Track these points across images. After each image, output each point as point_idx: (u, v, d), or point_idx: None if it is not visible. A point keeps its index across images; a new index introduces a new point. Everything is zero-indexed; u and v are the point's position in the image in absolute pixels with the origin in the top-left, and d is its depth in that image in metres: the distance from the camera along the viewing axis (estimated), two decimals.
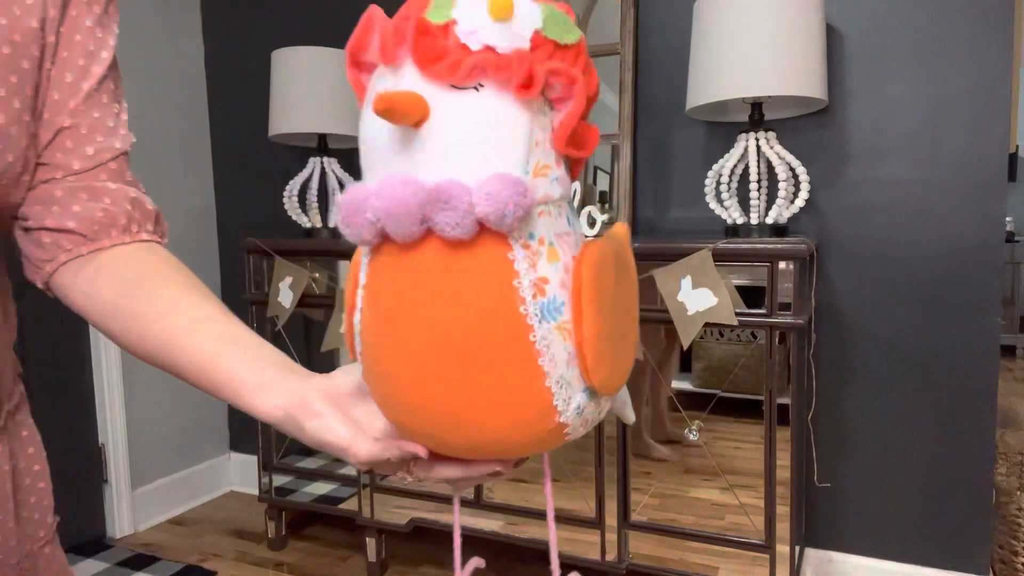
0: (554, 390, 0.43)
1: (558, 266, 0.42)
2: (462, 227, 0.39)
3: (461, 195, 0.38)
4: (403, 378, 0.43)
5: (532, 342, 0.41)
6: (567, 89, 0.41)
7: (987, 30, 1.55)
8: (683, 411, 1.57)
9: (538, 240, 0.42)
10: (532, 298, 0.41)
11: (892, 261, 1.66)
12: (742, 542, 1.51)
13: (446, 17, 0.39)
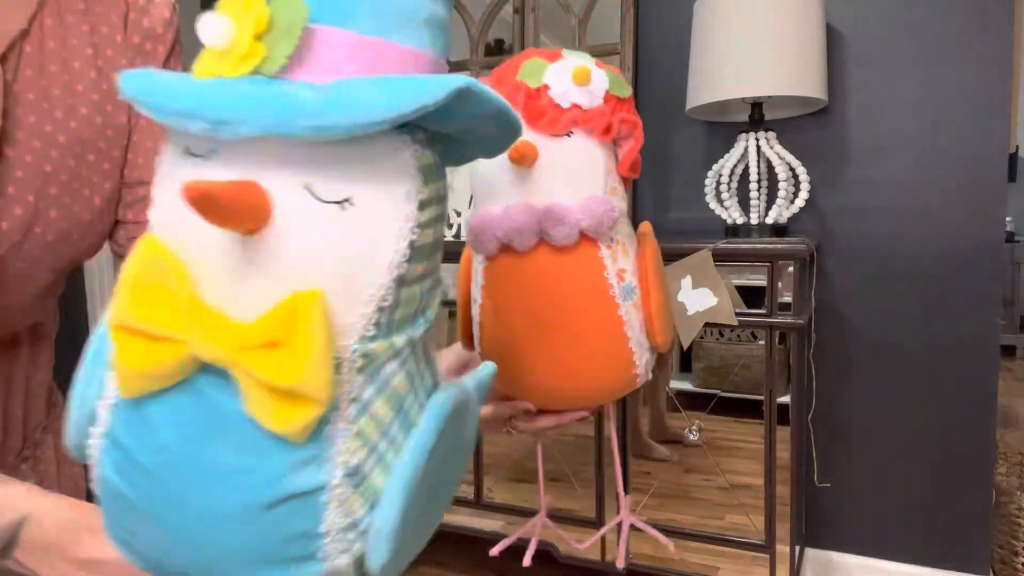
0: (633, 349, 0.60)
1: (630, 259, 0.59)
2: (570, 236, 0.54)
3: (568, 214, 0.53)
4: (522, 348, 0.58)
5: (620, 316, 0.58)
6: (629, 130, 0.57)
7: (987, 30, 1.54)
8: (683, 411, 1.57)
9: (616, 241, 0.58)
10: (617, 283, 0.57)
11: (892, 261, 1.66)
12: (742, 542, 1.51)
13: (539, 82, 0.54)
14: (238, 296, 0.29)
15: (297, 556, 0.30)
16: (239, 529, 0.30)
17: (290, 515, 0.30)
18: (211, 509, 0.30)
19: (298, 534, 0.30)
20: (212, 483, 0.30)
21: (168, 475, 0.30)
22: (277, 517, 0.30)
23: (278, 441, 0.29)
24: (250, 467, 0.29)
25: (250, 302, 0.28)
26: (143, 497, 0.31)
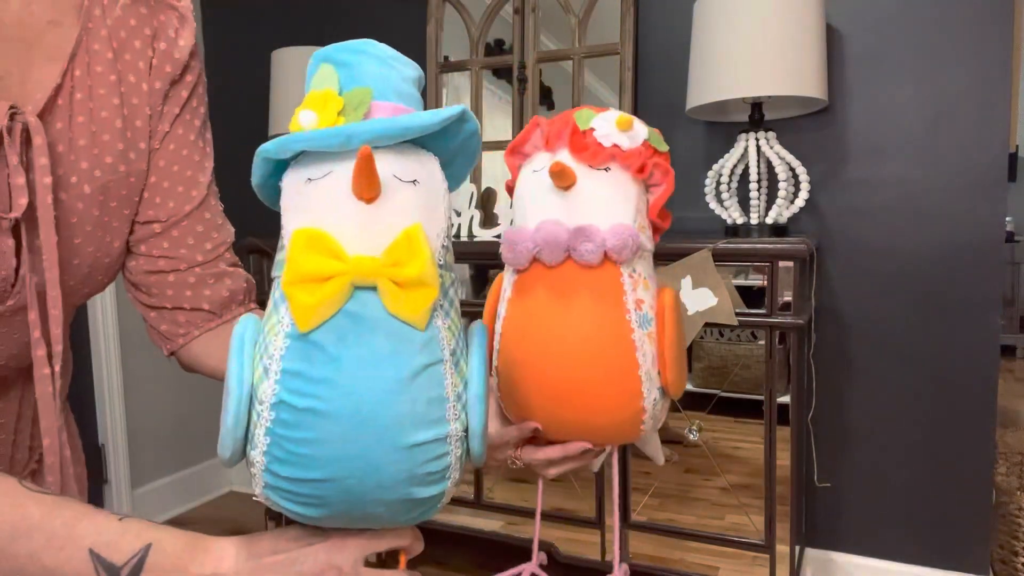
0: (643, 379, 0.61)
1: (650, 293, 0.63)
2: (594, 254, 0.59)
3: (596, 233, 0.59)
4: (535, 363, 0.62)
5: (632, 341, 0.60)
6: (662, 177, 0.63)
7: (987, 30, 1.54)
8: (683, 411, 1.57)
9: (638, 273, 0.62)
10: (634, 310, 0.61)
11: (892, 261, 1.66)
12: (742, 542, 1.51)
13: (588, 125, 0.61)
14: (368, 245, 0.44)
15: (435, 418, 0.45)
16: (398, 398, 0.43)
17: (426, 383, 0.45)
18: (376, 388, 0.43)
19: (433, 397, 0.45)
20: (372, 369, 0.43)
21: (340, 374, 0.43)
22: (420, 384, 0.44)
23: (410, 329, 0.45)
24: (397, 349, 0.44)
25: (377, 245, 0.44)
26: (323, 401, 0.43)
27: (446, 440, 0.46)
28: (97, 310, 2.12)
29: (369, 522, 0.48)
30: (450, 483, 0.48)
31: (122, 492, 2.21)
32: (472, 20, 2.00)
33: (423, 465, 0.45)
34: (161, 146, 0.67)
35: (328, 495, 0.45)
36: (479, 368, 0.49)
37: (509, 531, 1.76)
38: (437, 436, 0.45)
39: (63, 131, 0.58)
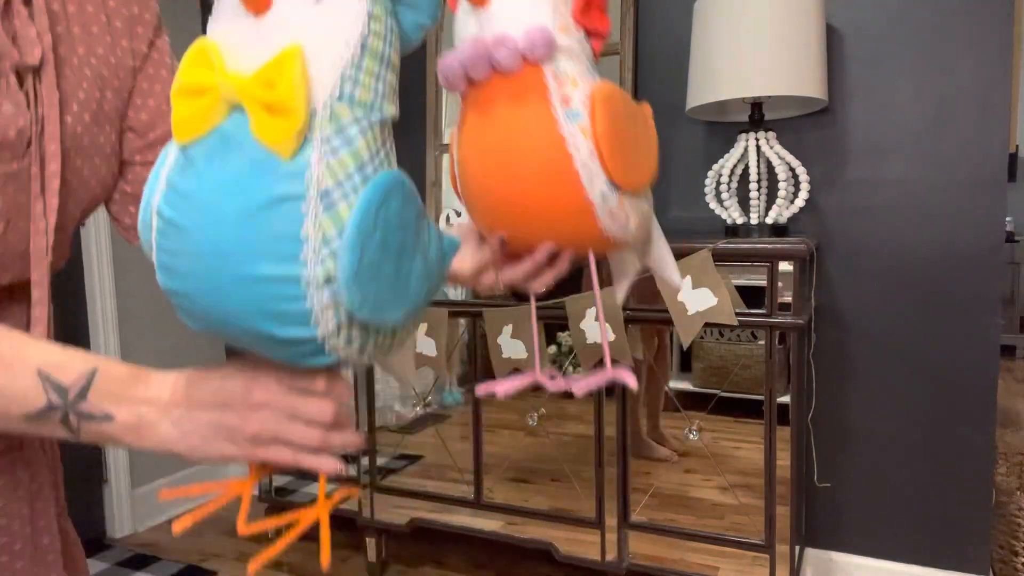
0: (580, 171, 0.61)
1: (580, 91, 0.62)
2: (510, 58, 0.59)
3: (509, 40, 0.59)
4: (482, 171, 0.64)
5: (561, 135, 0.60)
6: None
7: (987, 30, 1.54)
8: (683, 411, 1.57)
9: (564, 74, 0.61)
10: (561, 106, 0.61)
11: (892, 261, 1.66)
12: (742, 542, 1.51)
13: None
14: (250, 62, 0.42)
15: (286, 254, 0.42)
16: (245, 224, 0.42)
17: (279, 216, 0.42)
18: (226, 210, 0.42)
19: (285, 233, 0.42)
20: (228, 191, 0.42)
21: (199, 191, 0.43)
22: (270, 216, 0.42)
23: (273, 157, 0.42)
24: (253, 174, 0.42)
25: (257, 63, 0.42)
26: (183, 215, 0.43)
27: (299, 281, 0.42)
28: (98, 310, 2.12)
29: (256, 349, 0.48)
30: (321, 330, 0.44)
31: (122, 492, 2.21)
32: None
33: (272, 302, 0.43)
34: (142, 65, 0.70)
35: (193, 310, 0.46)
36: (356, 217, 0.42)
37: (509, 531, 1.76)
38: (287, 275, 0.42)
39: (59, 14, 0.61)
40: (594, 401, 1.61)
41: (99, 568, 1.99)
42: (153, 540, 2.19)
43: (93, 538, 2.17)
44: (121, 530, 2.21)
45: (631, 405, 1.61)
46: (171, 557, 2.05)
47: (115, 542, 2.17)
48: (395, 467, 1.93)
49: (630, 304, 1.55)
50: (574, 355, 1.61)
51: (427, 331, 1.72)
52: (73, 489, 2.17)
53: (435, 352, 1.72)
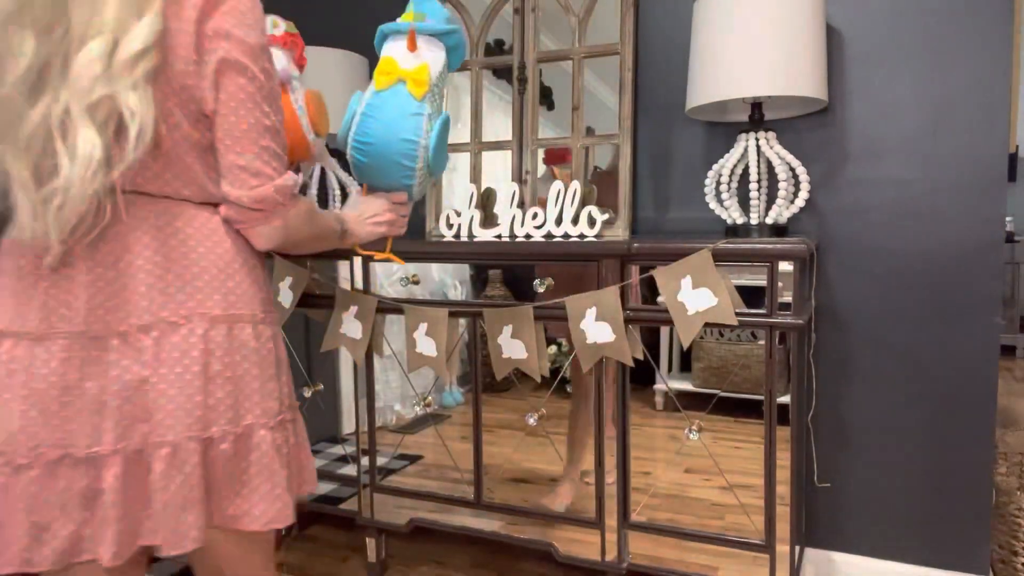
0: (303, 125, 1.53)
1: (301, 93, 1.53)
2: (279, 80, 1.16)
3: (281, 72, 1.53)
4: None
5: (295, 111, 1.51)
6: None
7: (987, 30, 1.54)
8: (683, 411, 1.57)
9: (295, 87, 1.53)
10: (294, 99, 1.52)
11: (892, 261, 1.66)
12: (742, 542, 1.52)
13: None
14: (407, 65, 1.24)
15: (415, 134, 1.22)
16: (399, 121, 1.22)
17: (412, 121, 1.22)
18: (394, 115, 1.22)
19: (413, 127, 1.22)
20: (395, 108, 1.22)
21: (382, 107, 1.23)
22: (409, 120, 1.22)
23: (413, 99, 1.22)
24: (405, 104, 1.22)
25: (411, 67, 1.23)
26: (374, 115, 1.22)
27: (418, 145, 1.22)
28: None
29: (387, 174, 1.25)
30: (418, 168, 1.24)
31: None
32: (472, 20, 2.00)
33: (407, 151, 1.22)
34: None
35: (371, 151, 1.23)
36: (437, 125, 1.24)
37: (509, 531, 1.76)
38: (414, 139, 1.22)
39: None
40: (594, 401, 1.61)
41: None
42: None
43: None
44: None
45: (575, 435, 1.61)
46: (171, 557, 2.05)
47: None
48: (395, 467, 1.93)
49: (630, 304, 1.56)
50: (574, 355, 1.61)
51: (427, 331, 1.72)
52: None
53: (435, 352, 1.72)
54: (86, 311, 0.84)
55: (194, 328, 0.87)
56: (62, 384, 0.83)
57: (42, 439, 0.83)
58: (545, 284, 1.63)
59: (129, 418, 0.84)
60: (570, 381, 1.70)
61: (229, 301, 0.90)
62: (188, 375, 0.85)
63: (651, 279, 1.51)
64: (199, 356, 0.86)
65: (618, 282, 1.55)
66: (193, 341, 0.86)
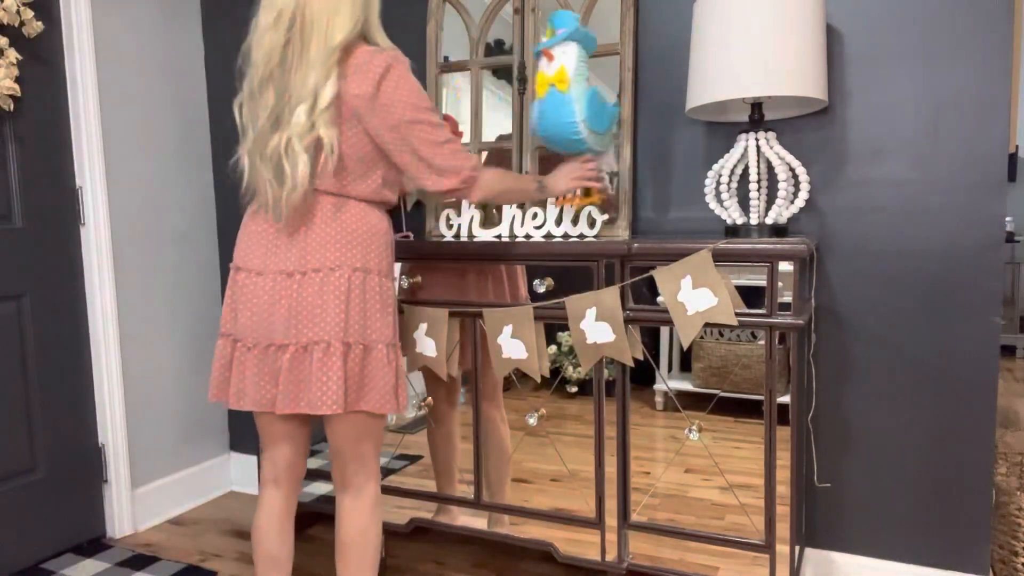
0: None
1: None
2: None
3: None
4: None
5: None
6: None
7: (987, 30, 1.54)
8: (683, 411, 1.57)
9: None
10: None
11: (892, 261, 1.66)
12: (742, 542, 1.52)
13: None
14: (548, 72, 1.61)
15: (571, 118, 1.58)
16: (560, 108, 1.58)
17: (568, 107, 1.58)
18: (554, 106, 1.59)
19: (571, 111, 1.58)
20: (554, 103, 1.59)
21: (547, 103, 1.61)
22: (565, 107, 1.58)
23: (563, 93, 1.58)
24: (560, 99, 1.58)
25: (552, 72, 1.61)
26: (545, 109, 1.61)
27: (576, 123, 1.57)
28: (97, 310, 2.12)
29: (569, 148, 1.64)
30: (585, 137, 1.59)
31: (122, 492, 2.21)
32: (472, 20, 2.00)
33: (572, 132, 1.58)
34: None
35: (550, 140, 1.65)
36: (584, 103, 1.57)
37: (509, 531, 1.76)
38: (572, 120, 1.57)
39: None
40: (594, 401, 1.61)
41: (99, 568, 1.99)
42: (153, 540, 2.19)
43: (93, 538, 2.17)
44: (121, 530, 2.21)
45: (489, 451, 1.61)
46: (171, 557, 2.05)
47: (115, 542, 2.17)
48: (395, 467, 1.93)
49: (629, 304, 1.56)
50: (574, 355, 1.61)
51: (427, 331, 1.72)
52: (73, 489, 2.18)
53: (435, 352, 1.72)
54: (287, 258, 1.33)
55: (343, 273, 1.31)
56: (270, 301, 1.32)
57: (259, 334, 1.33)
58: (545, 284, 1.63)
59: (303, 323, 1.30)
60: (570, 381, 1.70)
61: (366, 258, 1.35)
62: (338, 301, 1.30)
63: (651, 279, 1.51)
64: (344, 290, 1.31)
65: (618, 282, 1.55)
66: (342, 281, 1.31)
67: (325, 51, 1.27)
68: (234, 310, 1.39)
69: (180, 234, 2.39)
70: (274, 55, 1.29)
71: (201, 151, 2.46)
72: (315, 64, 1.27)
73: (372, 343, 1.34)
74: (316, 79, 1.27)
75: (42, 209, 2.01)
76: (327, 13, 1.28)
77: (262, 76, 1.31)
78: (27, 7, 1.89)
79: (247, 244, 1.38)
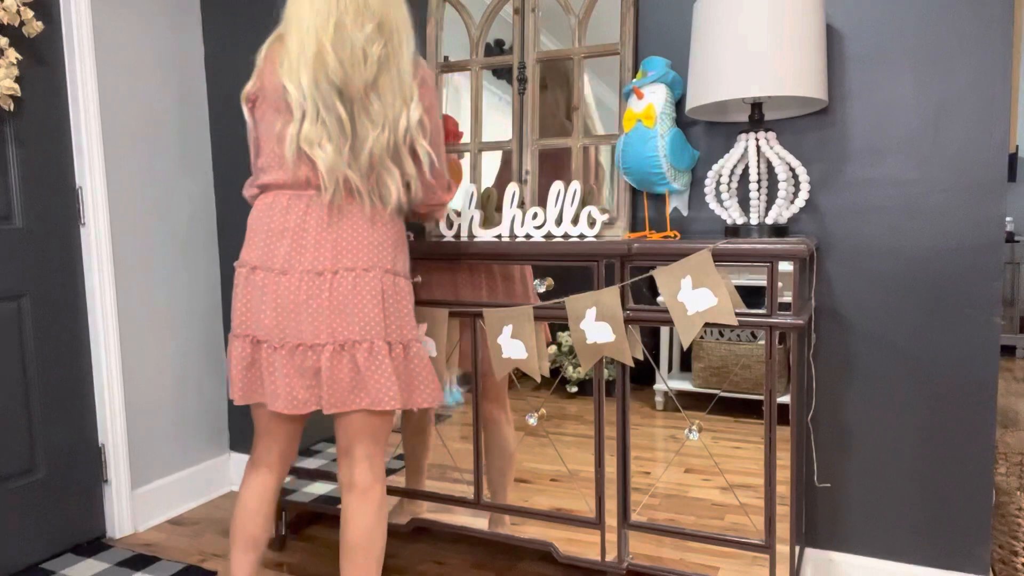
0: None
1: None
2: None
3: None
4: None
5: None
6: None
7: (987, 30, 1.54)
8: (683, 411, 1.57)
9: None
10: None
11: (892, 261, 1.66)
12: (742, 542, 1.52)
13: None
14: (636, 108, 1.68)
15: (654, 153, 1.64)
16: (644, 143, 1.65)
17: (651, 143, 1.64)
18: (640, 142, 1.65)
19: (654, 146, 1.64)
20: (639, 138, 1.66)
21: (632, 138, 1.67)
22: (649, 143, 1.64)
23: (648, 128, 1.64)
24: (644, 134, 1.65)
25: (640, 109, 1.68)
26: (627, 146, 1.69)
27: (658, 157, 1.63)
28: (97, 310, 2.12)
29: (649, 185, 1.70)
30: (666, 172, 1.66)
31: (122, 492, 2.21)
32: (472, 20, 2.00)
33: (653, 166, 1.65)
34: None
35: (631, 173, 1.69)
36: (668, 138, 1.64)
37: (509, 531, 1.76)
38: (655, 155, 1.63)
39: None
40: (594, 401, 1.61)
41: (99, 568, 1.99)
42: (153, 540, 2.19)
43: (93, 538, 2.17)
44: (121, 530, 2.21)
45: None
46: (171, 557, 2.05)
47: (115, 542, 2.17)
48: (395, 467, 1.93)
49: (629, 304, 1.56)
50: (574, 355, 1.61)
51: (427, 331, 1.72)
52: (73, 489, 2.18)
53: (435, 352, 1.72)
54: (316, 257, 1.34)
55: (376, 274, 1.35)
56: (297, 300, 1.33)
57: (286, 333, 1.32)
58: (545, 284, 1.63)
59: (340, 322, 1.32)
60: (570, 382, 1.70)
61: (395, 261, 1.40)
62: (374, 301, 1.34)
63: (651, 279, 1.51)
64: (379, 291, 1.35)
65: (618, 282, 1.55)
66: (376, 282, 1.35)
67: (411, 63, 1.38)
68: (252, 310, 1.37)
69: (180, 234, 2.39)
70: (371, 63, 1.32)
71: (201, 151, 2.46)
72: (405, 75, 1.35)
73: (409, 342, 1.40)
74: (407, 90, 1.35)
75: (42, 209, 2.02)
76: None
77: (363, 82, 1.32)
78: (27, 7, 1.89)
79: (266, 243, 1.36)
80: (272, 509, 1.51)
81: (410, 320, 1.42)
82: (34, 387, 2.00)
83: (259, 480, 1.48)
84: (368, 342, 1.32)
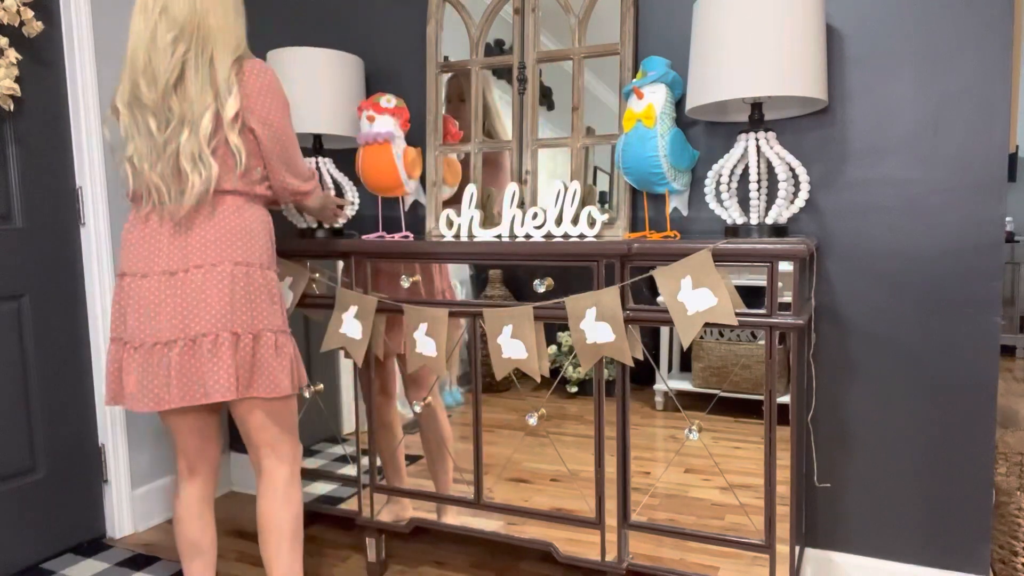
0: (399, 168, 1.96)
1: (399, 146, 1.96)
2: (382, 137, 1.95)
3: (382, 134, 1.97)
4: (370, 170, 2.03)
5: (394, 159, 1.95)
6: None
7: (987, 30, 1.54)
8: (683, 411, 1.57)
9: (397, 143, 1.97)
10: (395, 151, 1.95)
11: (892, 261, 1.66)
12: (742, 542, 1.52)
13: None
14: (636, 108, 1.68)
15: (654, 153, 1.65)
16: (643, 143, 1.65)
17: (651, 142, 1.64)
18: (639, 142, 1.65)
19: (654, 146, 1.64)
20: (638, 137, 1.65)
21: (631, 138, 1.66)
22: (649, 142, 1.64)
23: (648, 128, 1.64)
24: (644, 133, 1.65)
25: (639, 109, 1.68)
26: (626, 146, 1.68)
27: (658, 157, 1.63)
28: (97, 310, 2.12)
29: (649, 184, 1.70)
30: (666, 172, 1.66)
31: (122, 492, 2.21)
32: (472, 20, 2.00)
33: (653, 166, 1.65)
34: None
35: (631, 172, 1.69)
36: (668, 138, 1.65)
37: (509, 531, 1.76)
38: (655, 155, 1.63)
39: None
40: (594, 401, 1.61)
41: (99, 568, 1.99)
42: (153, 540, 2.19)
43: (93, 538, 2.17)
44: (121, 530, 2.21)
45: None
46: (171, 557, 2.05)
47: (115, 542, 2.17)
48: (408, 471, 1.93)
49: (629, 304, 1.56)
50: (574, 355, 1.61)
51: (427, 331, 1.72)
52: (73, 489, 2.18)
53: (435, 352, 1.72)
54: (169, 258, 1.39)
55: (225, 268, 1.39)
56: (155, 301, 1.38)
57: (146, 333, 1.38)
58: (545, 284, 1.63)
59: (189, 318, 1.36)
60: (570, 381, 1.70)
61: (248, 253, 1.42)
62: (221, 294, 1.37)
63: (651, 279, 1.51)
64: (228, 284, 1.38)
65: (618, 282, 1.55)
66: (224, 276, 1.38)
67: (227, 64, 1.39)
68: (122, 314, 1.44)
69: None
70: (174, 67, 1.36)
71: None
72: (218, 75, 1.38)
73: (260, 331, 1.42)
74: (219, 89, 1.37)
75: (42, 209, 2.02)
76: (222, 28, 1.40)
77: (162, 87, 1.36)
78: (27, 7, 1.89)
79: (130, 250, 1.43)
80: (206, 514, 1.57)
81: (266, 309, 1.44)
82: (34, 387, 2.00)
83: (183, 489, 1.56)
84: (214, 335, 1.36)
